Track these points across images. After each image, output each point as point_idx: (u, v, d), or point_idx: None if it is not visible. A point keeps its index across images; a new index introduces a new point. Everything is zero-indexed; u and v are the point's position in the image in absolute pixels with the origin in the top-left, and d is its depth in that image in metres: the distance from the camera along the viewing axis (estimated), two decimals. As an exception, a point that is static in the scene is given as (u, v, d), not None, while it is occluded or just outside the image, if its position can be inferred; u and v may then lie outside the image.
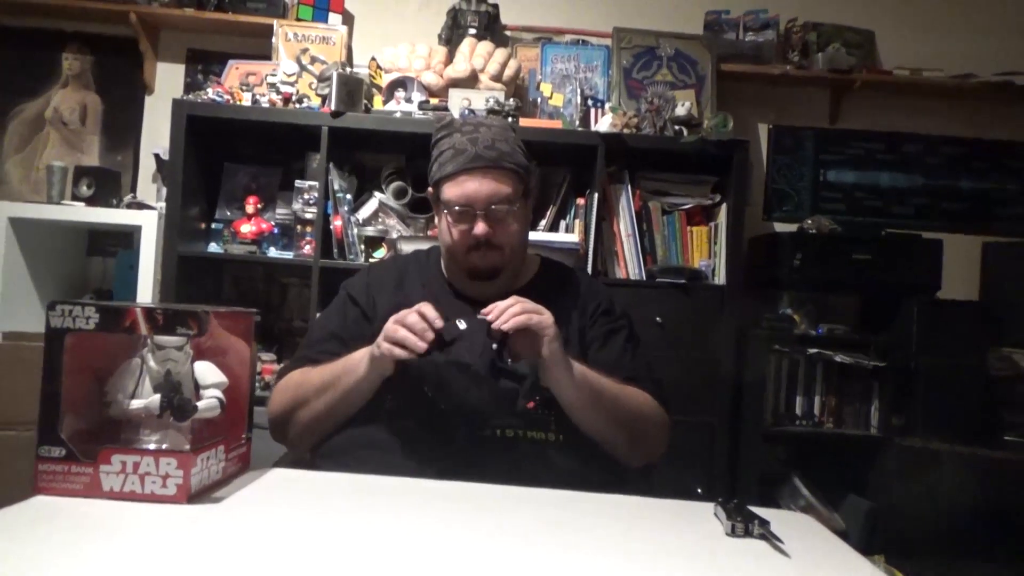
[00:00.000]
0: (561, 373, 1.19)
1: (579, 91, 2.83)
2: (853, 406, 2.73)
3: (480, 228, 1.29)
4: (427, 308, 1.16)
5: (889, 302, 2.75)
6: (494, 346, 1.14)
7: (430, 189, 1.39)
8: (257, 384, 2.52)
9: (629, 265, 2.65)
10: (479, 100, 2.61)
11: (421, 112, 2.60)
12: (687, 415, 2.57)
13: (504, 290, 1.33)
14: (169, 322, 0.91)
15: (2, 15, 3.00)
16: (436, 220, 1.40)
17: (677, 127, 2.63)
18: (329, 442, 1.27)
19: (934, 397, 2.61)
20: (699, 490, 2.37)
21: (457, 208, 1.30)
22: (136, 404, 0.95)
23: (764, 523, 0.91)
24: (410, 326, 1.15)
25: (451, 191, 1.30)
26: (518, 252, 1.37)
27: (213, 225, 2.77)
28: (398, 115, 2.60)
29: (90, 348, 0.93)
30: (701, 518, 0.97)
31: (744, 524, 0.91)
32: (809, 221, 2.89)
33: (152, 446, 0.94)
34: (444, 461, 1.15)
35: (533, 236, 1.47)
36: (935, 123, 3.16)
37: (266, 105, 2.59)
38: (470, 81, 2.70)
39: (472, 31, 2.86)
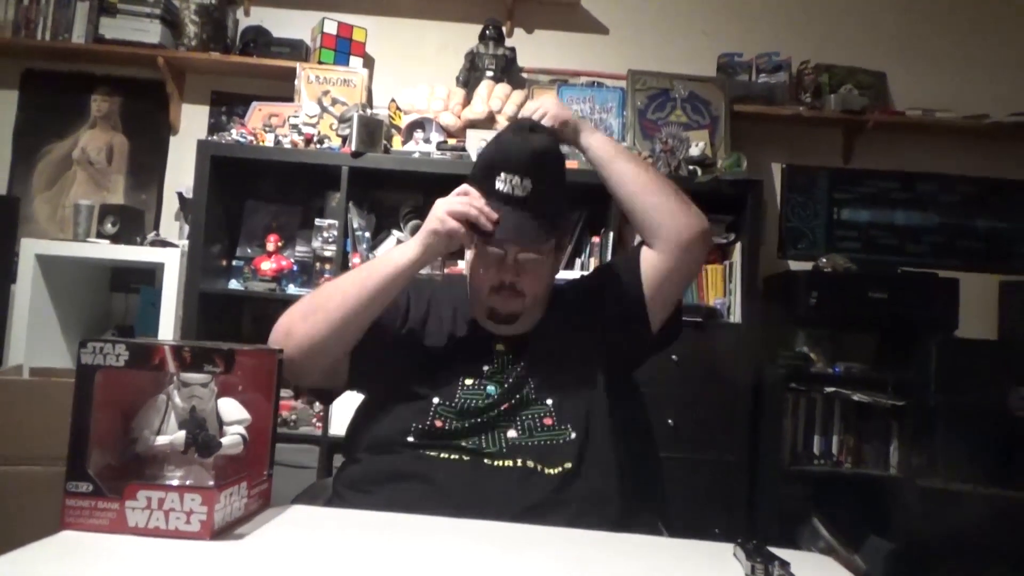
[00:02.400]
0: (590, 136, 1.39)
1: (594, 132, 2.87)
2: (872, 445, 2.70)
3: (508, 275, 1.28)
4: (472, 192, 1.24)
5: (906, 341, 2.73)
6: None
7: None
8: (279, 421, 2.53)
9: (644, 303, 2.66)
10: (496, 141, 2.65)
11: (439, 152, 2.65)
12: (704, 454, 2.56)
13: (521, 330, 1.35)
14: (196, 360, 0.93)
15: (35, 60, 3.10)
16: (465, 253, 1.39)
17: (691, 167, 2.67)
18: (351, 472, 1.28)
19: (954, 437, 2.58)
20: (716, 530, 2.36)
21: (488, 249, 1.29)
22: (161, 440, 0.96)
23: (784, 564, 0.90)
24: (468, 204, 1.21)
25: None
26: (540, 301, 1.36)
27: (234, 262, 2.81)
28: (416, 155, 2.65)
29: (117, 385, 0.95)
30: (720, 559, 0.97)
31: (764, 565, 0.90)
32: (824, 259, 2.89)
33: (176, 482, 0.95)
34: (463, 491, 1.16)
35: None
36: (949, 163, 3.17)
37: (288, 146, 2.65)
38: (487, 122, 2.75)
39: (489, 74, 2.92)
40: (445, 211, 1.22)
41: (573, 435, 1.24)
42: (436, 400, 1.25)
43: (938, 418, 2.59)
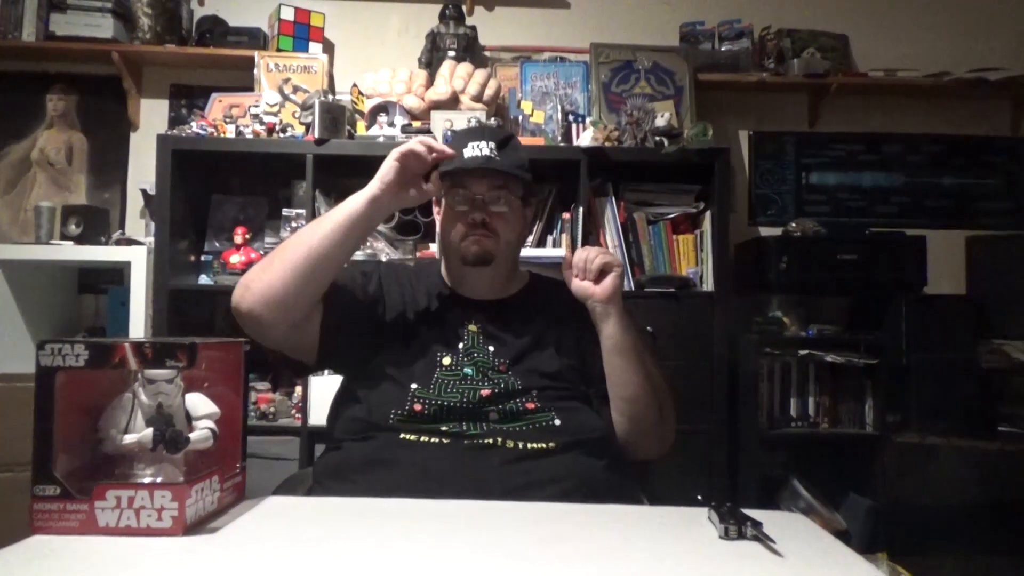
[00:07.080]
0: (621, 315, 1.29)
1: (559, 107, 2.86)
2: (847, 405, 2.74)
3: (479, 213, 1.33)
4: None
5: (877, 300, 2.77)
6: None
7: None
8: (251, 414, 2.52)
9: (618, 276, 2.66)
10: (461, 121, 2.64)
11: (404, 136, 2.62)
12: (683, 423, 2.55)
13: (497, 295, 1.39)
14: (158, 355, 0.91)
15: (-15, 60, 3.02)
16: (437, 221, 1.43)
17: (658, 138, 2.66)
18: (330, 459, 1.27)
19: (927, 392, 2.63)
20: (699, 496, 2.39)
21: (460, 190, 1.34)
22: (129, 439, 0.95)
23: (757, 524, 0.91)
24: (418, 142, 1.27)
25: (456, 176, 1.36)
26: (511, 248, 1.39)
27: (203, 257, 2.77)
28: (381, 139, 2.62)
29: (81, 385, 0.94)
30: (695, 523, 0.98)
31: (737, 526, 0.91)
32: (794, 224, 2.92)
33: (147, 480, 0.94)
34: (445, 473, 1.16)
35: (522, 252, 1.50)
36: (913, 122, 3.20)
37: (250, 136, 2.61)
38: (451, 103, 2.73)
39: (451, 53, 2.89)
40: (396, 152, 1.27)
41: (557, 422, 1.25)
42: (414, 386, 1.26)
43: (911, 374, 2.64)
